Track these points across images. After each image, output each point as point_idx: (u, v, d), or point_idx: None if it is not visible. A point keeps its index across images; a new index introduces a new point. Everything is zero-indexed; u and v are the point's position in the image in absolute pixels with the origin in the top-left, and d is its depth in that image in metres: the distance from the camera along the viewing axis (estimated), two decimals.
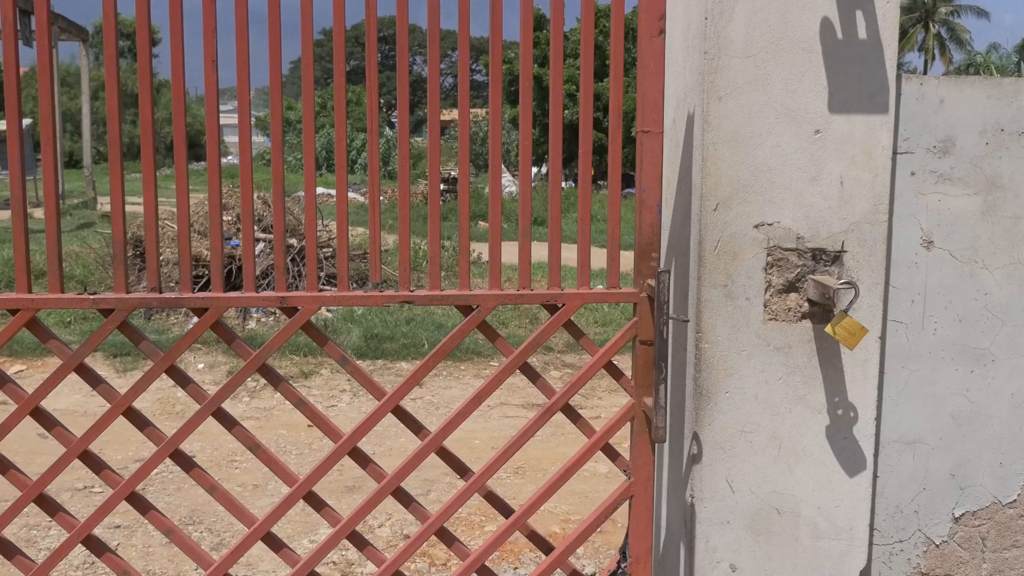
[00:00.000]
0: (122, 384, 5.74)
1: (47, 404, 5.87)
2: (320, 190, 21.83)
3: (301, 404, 2.15)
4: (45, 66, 2.02)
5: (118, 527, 4.21)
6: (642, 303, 2.17)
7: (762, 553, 2.29)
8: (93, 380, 2.11)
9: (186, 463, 2.18)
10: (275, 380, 2.17)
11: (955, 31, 42.34)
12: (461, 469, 2.26)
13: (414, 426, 2.23)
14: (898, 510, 2.40)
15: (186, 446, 5.40)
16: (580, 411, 2.54)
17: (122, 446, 5.08)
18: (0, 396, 2.51)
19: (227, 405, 6.24)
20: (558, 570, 2.29)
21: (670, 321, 2.14)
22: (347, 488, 4.71)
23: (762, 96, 2.15)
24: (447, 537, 2.27)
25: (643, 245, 2.16)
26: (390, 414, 2.19)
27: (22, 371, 7.33)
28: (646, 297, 2.16)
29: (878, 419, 2.32)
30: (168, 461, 2.22)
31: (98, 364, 7.37)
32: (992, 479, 2.42)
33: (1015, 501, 2.45)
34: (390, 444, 5.40)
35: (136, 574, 2.20)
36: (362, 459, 2.21)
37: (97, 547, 2.19)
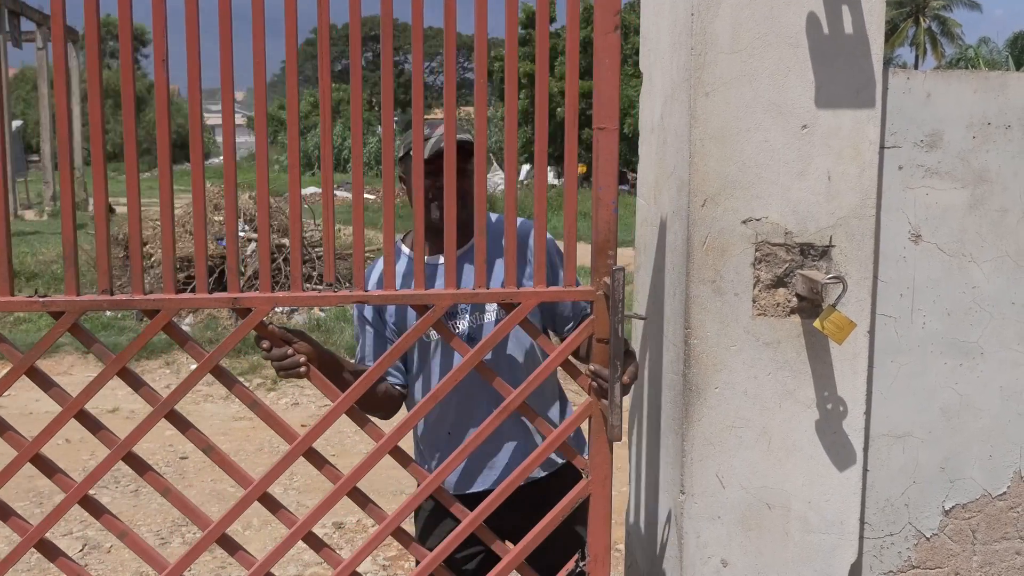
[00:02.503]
0: (115, 385, 5.77)
1: (43, 407, 5.82)
2: (312, 189, 21.80)
3: (255, 406, 2.13)
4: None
5: None
6: (599, 301, 2.15)
7: (753, 548, 2.29)
8: (45, 384, 2.09)
9: (140, 466, 2.15)
10: (229, 382, 2.14)
11: (946, 25, 42.43)
12: (406, 463, 2.24)
13: (370, 428, 2.21)
14: (888, 503, 2.41)
15: (180, 447, 5.39)
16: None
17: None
18: None
19: (222, 405, 6.25)
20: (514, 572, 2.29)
21: (630, 318, 2.14)
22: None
23: (749, 92, 2.15)
24: (404, 537, 2.26)
25: (599, 243, 2.14)
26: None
27: None
28: (603, 295, 2.14)
29: (867, 413, 2.33)
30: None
31: (89, 366, 7.35)
32: (982, 472, 2.43)
33: (1005, 494, 2.45)
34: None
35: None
36: (318, 460, 2.19)
37: (52, 552, 2.18)
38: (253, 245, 10.18)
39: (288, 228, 10.08)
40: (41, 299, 2.03)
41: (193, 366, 7.43)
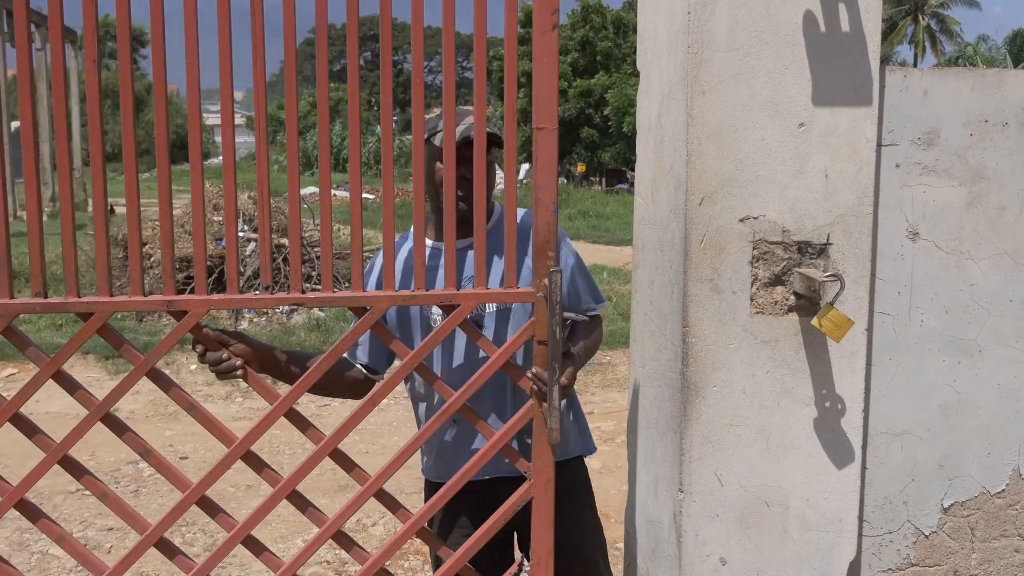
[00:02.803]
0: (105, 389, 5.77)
1: (36, 408, 5.82)
2: (312, 189, 21.80)
3: (192, 408, 2.12)
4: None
5: (111, 529, 4.21)
6: (539, 303, 2.13)
7: (751, 546, 2.29)
8: None
9: (77, 470, 2.14)
10: (165, 385, 2.14)
11: (945, 23, 42.42)
12: (349, 468, 2.24)
13: (305, 429, 2.21)
14: (887, 501, 2.41)
15: (180, 447, 5.40)
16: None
17: (115, 448, 5.07)
18: None
19: (220, 406, 6.25)
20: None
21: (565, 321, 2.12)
22: (340, 487, 4.71)
23: (746, 90, 2.15)
24: (344, 541, 2.25)
25: (539, 244, 2.12)
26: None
27: (14, 374, 7.32)
28: (542, 297, 2.12)
29: (866, 411, 2.33)
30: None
31: (90, 366, 7.36)
32: (980, 469, 2.43)
33: (1004, 491, 2.46)
34: (383, 443, 5.41)
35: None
36: (257, 463, 2.18)
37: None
38: (253, 245, 10.18)
39: (285, 228, 10.08)
40: None
41: (194, 366, 7.42)
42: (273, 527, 4.25)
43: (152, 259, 10.27)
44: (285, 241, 10.33)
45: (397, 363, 2.36)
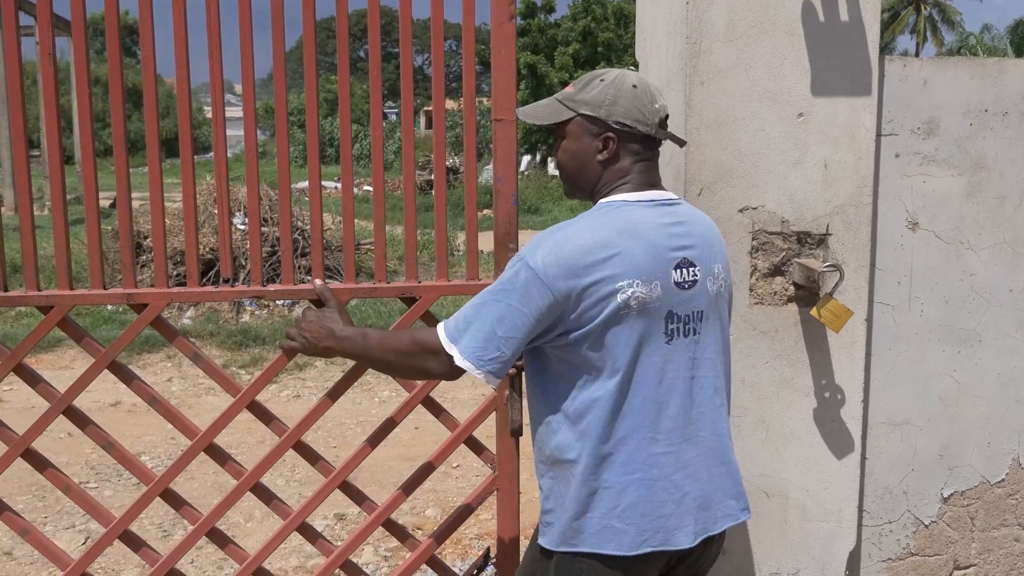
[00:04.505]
0: (109, 380, 5.76)
1: (35, 401, 5.79)
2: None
3: (154, 401, 2.13)
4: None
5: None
6: None
7: (752, 536, 2.29)
8: None
9: (40, 463, 2.14)
10: (127, 378, 2.13)
11: (946, 13, 42.27)
12: (314, 459, 2.26)
13: (269, 422, 2.21)
14: (887, 491, 2.41)
15: (181, 440, 5.39)
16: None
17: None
18: None
19: (224, 399, 6.23)
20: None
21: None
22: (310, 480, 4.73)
23: (745, 80, 2.14)
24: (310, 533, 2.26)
25: (500, 235, 2.13)
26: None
27: None
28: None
29: (865, 401, 2.33)
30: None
31: (86, 360, 7.37)
32: (980, 459, 2.43)
33: (1003, 480, 2.46)
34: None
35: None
36: (220, 456, 2.19)
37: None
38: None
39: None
40: None
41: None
42: (273, 519, 4.26)
43: (150, 253, 10.26)
44: (297, 236, 10.32)
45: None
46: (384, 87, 2.13)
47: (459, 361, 1.62)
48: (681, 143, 1.78)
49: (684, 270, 1.67)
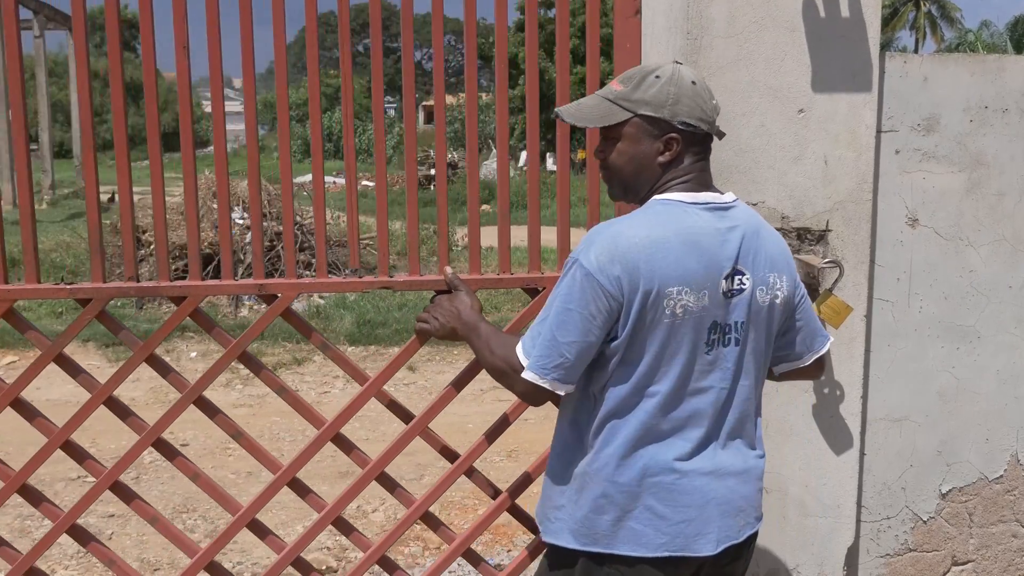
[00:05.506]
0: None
1: (38, 395, 5.82)
2: (306, 177, 21.75)
3: (282, 391, 2.13)
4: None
5: (112, 516, 4.22)
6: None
7: None
8: None
9: (170, 451, 2.17)
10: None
11: (946, 9, 42.29)
12: (448, 453, 2.26)
13: (399, 411, 2.23)
14: (885, 487, 2.41)
15: (179, 434, 5.41)
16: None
17: (115, 435, 5.09)
18: None
19: (220, 393, 6.25)
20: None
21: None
22: (341, 474, 4.73)
23: (745, 76, 2.14)
24: (432, 521, 2.27)
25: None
26: (375, 400, 2.20)
27: (14, 362, 7.33)
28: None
29: (864, 397, 2.33)
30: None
31: (90, 354, 7.37)
32: (978, 455, 2.44)
33: (1001, 477, 2.46)
34: (383, 430, 5.41)
35: (123, 563, 2.19)
36: (346, 446, 2.20)
37: (83, 537, 2.19)
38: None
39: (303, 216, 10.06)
40: None
41: (193, 354, 7.43)
42: (273, 514, 4.26)
43: (151, 247, 10.27)
44: (297, 233, 10.31)
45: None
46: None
47: (525, 374, 1.61)
48: (721, 135, 1.73)
49: (733, 279, 1.63)
